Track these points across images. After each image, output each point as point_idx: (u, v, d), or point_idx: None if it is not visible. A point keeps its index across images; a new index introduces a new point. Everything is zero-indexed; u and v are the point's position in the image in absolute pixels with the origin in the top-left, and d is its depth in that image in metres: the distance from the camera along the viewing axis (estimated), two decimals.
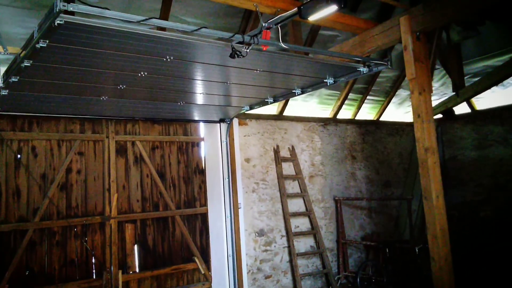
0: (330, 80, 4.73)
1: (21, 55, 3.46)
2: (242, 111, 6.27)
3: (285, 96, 5.50)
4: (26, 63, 3.48)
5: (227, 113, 6.54)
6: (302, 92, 5.20)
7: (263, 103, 5.79)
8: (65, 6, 2.70)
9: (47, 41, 3.11)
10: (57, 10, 2.70)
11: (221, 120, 6.83)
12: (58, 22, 2.81)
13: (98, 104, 5.21)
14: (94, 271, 5.85)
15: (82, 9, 2.85)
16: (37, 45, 3.11)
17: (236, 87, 4.99)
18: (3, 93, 4.20)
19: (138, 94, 4.91)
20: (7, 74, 3.89)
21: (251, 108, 6.11)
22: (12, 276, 5.26)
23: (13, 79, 3.84)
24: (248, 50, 3.51)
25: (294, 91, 5.20)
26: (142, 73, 4.08)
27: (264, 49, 3.65)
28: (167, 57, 3.72)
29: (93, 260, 5.86)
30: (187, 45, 3.58)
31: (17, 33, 4.86)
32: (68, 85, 4.30)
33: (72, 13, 2.85)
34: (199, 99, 5.47)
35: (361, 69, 4.46)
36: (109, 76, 4.18)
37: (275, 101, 5.67)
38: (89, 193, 5.96)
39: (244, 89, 5.13)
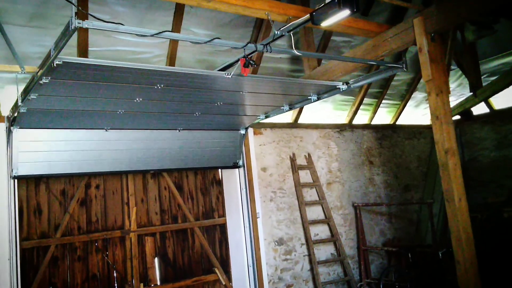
0: (314, 97, 5.20)
1: (39, 74, 3.53)
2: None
3: (274, 112, 5.88)
4: (32, 96, 3.83)
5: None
6: (290, 109, 5.61)
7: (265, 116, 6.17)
8: (80, 23, 2.75)
9: (49, 77, 3.42)
10: (73, 28, 2.75)
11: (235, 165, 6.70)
12: (57, 62, 3.09)
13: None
14: (116, 285, 5.87)
15: (97, 25, 2.90)
16: (41, 81, 3.46)
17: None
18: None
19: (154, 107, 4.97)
20: (25, 92, 3.96)
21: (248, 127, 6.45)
22: None
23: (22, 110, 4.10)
24: (231, 75, 3.91)
25: (282, 108, 5.60)
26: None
27: (245, 74, 3.77)
28: (158, 85, 4.07)
29: (115, 274, 5.89)
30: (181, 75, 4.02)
31: (34, 52, 4.95)
32: (73, 111, 4.63)
33: (86, 30, 2.91)
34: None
35: (340, 86, 4.93)
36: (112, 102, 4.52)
37: (266, 116, 5.98)
38: (108, 207, 6.01)
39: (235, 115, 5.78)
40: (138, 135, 5.57)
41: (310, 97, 5.21)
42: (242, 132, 6.53)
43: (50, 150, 5.02)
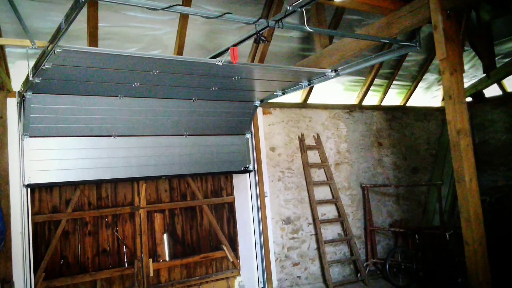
0: (305, 83, 5.41)
1: (49, 48, 3.51)
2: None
3: (268, 98, 6.10)
4: (36, 80, 4.00)
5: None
6: (283, 94, 5.79)
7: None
8: None
9: (51, 64, 3.57)
10: (83, 0, 2.73)
11: (246, 170, 6.64)
12: (57, 50, 3.27)
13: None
14: (125, 259, 5.97)
15: None
16: (43, 67, 3.60)
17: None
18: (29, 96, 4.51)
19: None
20: (35, 67, 3.96)
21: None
22: (47, 265, 5.42)
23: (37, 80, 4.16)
24: (222, 62, 4.04)
25: (276, 93, 5.80)
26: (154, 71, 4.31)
27: (235, 62, 3.83)
28: (154, 71, 4.25)
29: (124, 249, 5.98)
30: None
31: (44, 28, 4.93)
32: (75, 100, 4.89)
33: (95, 4, 2.88)
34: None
35: (329, 74, 5.09)
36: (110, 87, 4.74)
37: (261, 101, 6.22)
38: (118, 184, 6.06)
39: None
40: (145, 141, 5.66)
41: (301, 83, 5.44)
42: (248, 136, 6.61)
43: (60, 158, 5.11)
